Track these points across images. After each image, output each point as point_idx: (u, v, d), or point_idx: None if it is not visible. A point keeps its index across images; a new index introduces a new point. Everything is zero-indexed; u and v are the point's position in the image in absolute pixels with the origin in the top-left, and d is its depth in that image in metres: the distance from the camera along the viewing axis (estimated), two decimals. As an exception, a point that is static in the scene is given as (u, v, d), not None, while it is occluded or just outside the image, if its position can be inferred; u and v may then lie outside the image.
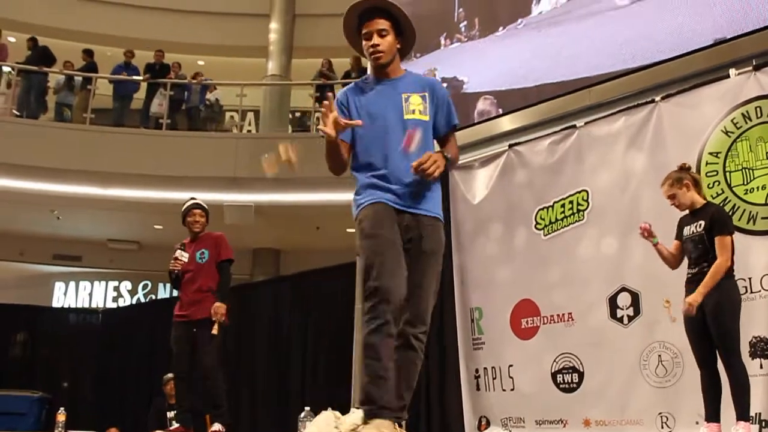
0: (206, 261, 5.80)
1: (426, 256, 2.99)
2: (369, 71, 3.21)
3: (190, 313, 5.69)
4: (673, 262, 4.47)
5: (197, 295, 5.72)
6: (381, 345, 2.76)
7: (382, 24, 3.06)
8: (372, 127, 3.05)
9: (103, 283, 15.50)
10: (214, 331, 5.57)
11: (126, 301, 15.41)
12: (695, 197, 4.38)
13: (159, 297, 15.21)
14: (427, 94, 3.09)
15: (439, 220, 3.09)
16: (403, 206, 2.99)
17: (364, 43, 3.10)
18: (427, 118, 3.07)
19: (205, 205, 6.06)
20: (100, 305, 15.13)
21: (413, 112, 3.03)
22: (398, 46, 3.13)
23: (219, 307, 5.60)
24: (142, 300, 15.36)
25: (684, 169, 4.48)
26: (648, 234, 4.44)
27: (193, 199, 6.15)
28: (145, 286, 15.49)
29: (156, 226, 13.64)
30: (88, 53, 13.25)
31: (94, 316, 13.01)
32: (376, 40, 3.05)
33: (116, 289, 15.52)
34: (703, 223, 4.25)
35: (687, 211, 4.42)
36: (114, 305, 15.12)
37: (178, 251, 5.85)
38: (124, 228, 13.88)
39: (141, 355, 10.88)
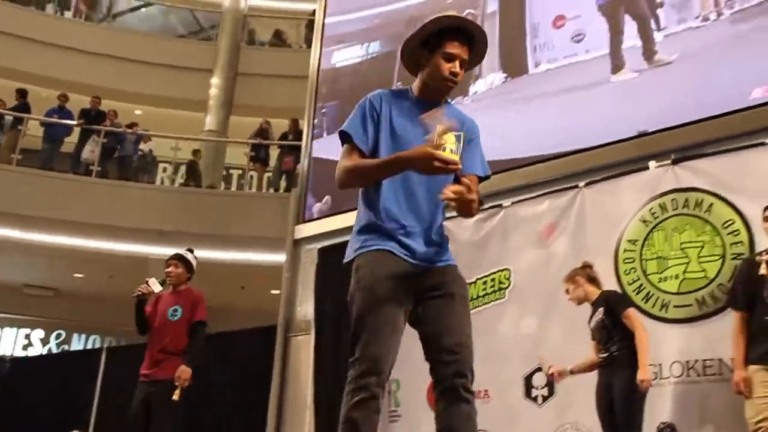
0: (178, 319, 5.39)
1: (458, 298, 2.62)
2: (414, 85, 2.79)
3: (151, 373, 5.31)
4: (591, 367, 4.63)
5: (160, 355, 5.32)
6: (363, 422, 2.43)
7: (467, 54, 2.70)
8: (392, 149, 2.64)
9: (14, 329, 14.88)
10: (175, 397, 5.16)
11: (37, 350, 14.80)
12: (589, 291, 4.64)
13: (72, 348, 14.68)
14: (462, 134, 2.72)
15: (456, 267, 2.71)
16: (417, 260, 2.61)
17: (440, 61, 2.66)
18: (456, 158, 2.64)
19: (188, 257, 5.69)
20: (8, 353, 14.48)
21: (444, 149, 2.56)
22: None
23: (184, 372, 5.20)
24: (54, 350, 14.78)
25: (584, 266, 4.76)
26: (558, 376, 4.62)
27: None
28: (58, 336, 14.91)
29: (76, 275, 13.29)
30: (22, 93, 13.01)
31: (1, 364, 12.44)
32: (458, 68, 2.67)
33: (27, 336, 14.90)
34: (602, 309, 4.49)
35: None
36: (24, 354, 14.50)
37: (153, 279, 5.40)
38: (43, 274, 13.45)
39: (51, 408, 10.40)
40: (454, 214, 2.68)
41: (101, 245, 11.73)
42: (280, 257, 8.31)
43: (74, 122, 12.73)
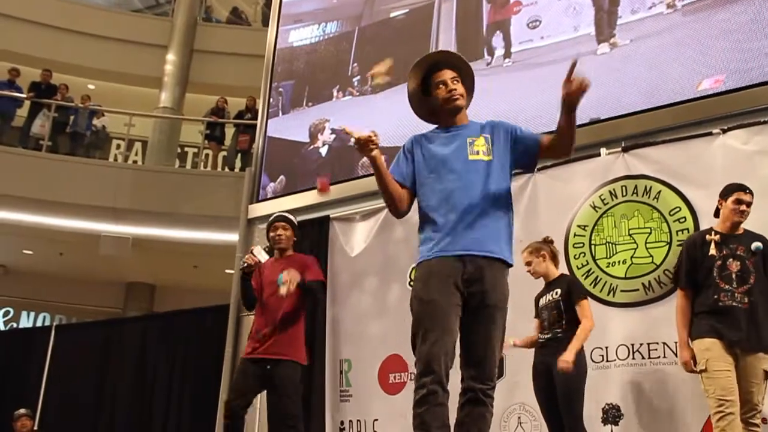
0: None
1: (490, 310, 2.89)
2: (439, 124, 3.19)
3: (266, 349, 4.75)
4: (533, 345, 4.68)
5: (275, 328, 4.77)
6: (427, 415, 2.74)
7: (452, 73, 3.11)
8: (437, 170, 3.03)
9: (-40, 306, 14.60)
10: (282, 291, 4.53)
11: (-17, 327, 14.54)
12: (550, 268, 4.65)
13: (21, 326, 14.44)
14: (489, 135, 3.08)
15: (505, 263, 2.97)
16: (463, 250, 2.89)
17: (437, 92, 3.10)
18: (489, 158, 3.03)
19: (291, 218, 5.15)
20: (-46, 330, 14.22)
21: (477, 153, 3.01)
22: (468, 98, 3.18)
23: (295, 274, 4.60)
24: (2, 328, 14.53)
25: (546, 241, 4.75)
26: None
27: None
28: (6, 313, 14.64)
29: (25, 251, 13.05)
30: (-30, 65, 12.70)
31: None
32: (453, 85, 3.08)
33: (-26, 314, 14.64)
34: (559, 291, 4.51)
35: (543, 286, 4.69)
36: (-31, 331, 14.24)
37: (257, 247, 4.99)
38: (-10, 250, 13.21)
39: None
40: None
41: (52, 222, 11.52)
42: (233, 236, 8.28)
43: (24, 95, 12.45)
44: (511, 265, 3.01)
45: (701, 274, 4.14)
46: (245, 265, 4.95)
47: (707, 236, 4.21)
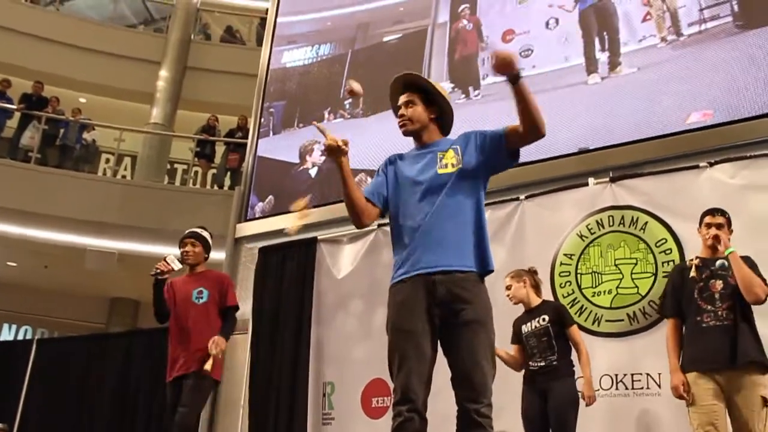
0: (204, 302, 4.90)
1: (471, 327, 2.78)
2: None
3: (181, 365, 4.76)
4: (516, 366, 4.67)
5: (190, 346, 4.78)
6: None
7: (408, 96, 3.13)
8: (406, 189, 3.01)
9: (-61, 318, 14.45)
10: (207, 366, 4.65)
11: (-38, 340, 14.37)
12: (531, 295, 4.67)
13: (2, 338, 14.31)
14: (459, 147, 3.04)
15: (477, 274, 2.87)
16: (428, 267, 2.84)
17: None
18: (456, 169, 2.97)
19: (204, 234, 5.22)
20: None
21: (446, 166, 2.98)
22: (433, 115, 3.13)
23: (219, 341, 4.70)
24: (-19, 341, 14.40)
25: (530, 271, 4.77)
26: None
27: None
28: (-12, 325, 14.58)
29: (9, 263, 12.95)
30: (-39, 75, 12.65)
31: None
32: (402, 110, 3.12)
33: (-45, 324, 14.50)
34: (547, 317, 4.51)
35: (522, 312, 4.70)
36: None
37: (171, 255, 4.93)
38: (-27, 261, 13.10)
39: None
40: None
41: (37, 234, 11.45)
42: (220, 254, 8.24)
43: (14, 106, 12.41)
44: (486, 274, 2.92)
45: (685, 299, 4.07)
46: (157, 271, 4.95)
47: (689, 261, 4.19)
